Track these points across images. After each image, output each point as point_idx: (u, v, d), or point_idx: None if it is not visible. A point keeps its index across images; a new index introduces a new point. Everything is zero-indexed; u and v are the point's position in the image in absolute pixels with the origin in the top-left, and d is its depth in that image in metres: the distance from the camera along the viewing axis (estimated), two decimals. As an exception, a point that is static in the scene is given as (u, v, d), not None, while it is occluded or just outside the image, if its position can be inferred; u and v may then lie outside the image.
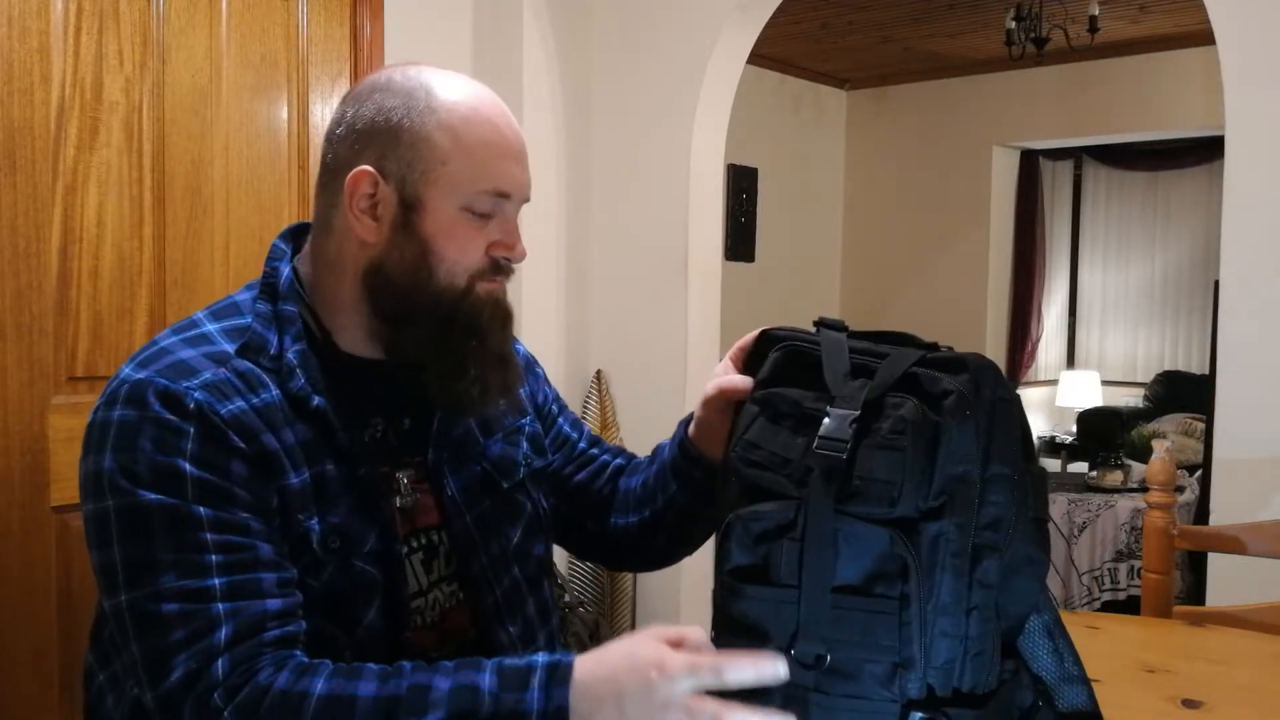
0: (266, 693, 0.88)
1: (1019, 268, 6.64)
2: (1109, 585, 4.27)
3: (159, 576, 0.93)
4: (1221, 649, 1.53)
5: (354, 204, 1.05)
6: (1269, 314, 2.17)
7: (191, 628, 0.91)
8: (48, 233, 2.16)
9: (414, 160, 1.04)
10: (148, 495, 0.94)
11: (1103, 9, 4.66)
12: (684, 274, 3.05)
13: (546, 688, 0.87)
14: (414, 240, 1.05)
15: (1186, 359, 6.97)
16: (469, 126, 1.05)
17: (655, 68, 3.08)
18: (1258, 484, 2.14)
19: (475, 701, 0.87)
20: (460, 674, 0.89)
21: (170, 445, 0.96)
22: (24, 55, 2.12)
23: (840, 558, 0.84)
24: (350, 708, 0.88)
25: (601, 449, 1.35)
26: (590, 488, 1.31)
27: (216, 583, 0.92)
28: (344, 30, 2.66)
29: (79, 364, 2.21)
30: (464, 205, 1.05)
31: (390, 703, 0.88)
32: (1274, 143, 2.17)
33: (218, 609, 0.92)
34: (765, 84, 6.01)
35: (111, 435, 0.97)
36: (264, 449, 0.99)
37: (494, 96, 1.10)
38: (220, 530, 0.94)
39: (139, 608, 0.93)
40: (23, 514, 2.14)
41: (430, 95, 1.05)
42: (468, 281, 1.06)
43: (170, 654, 0.90)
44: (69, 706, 2.20)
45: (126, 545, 0.95)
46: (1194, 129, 5.80)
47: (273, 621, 0.93)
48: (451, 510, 1.12)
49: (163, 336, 1.05)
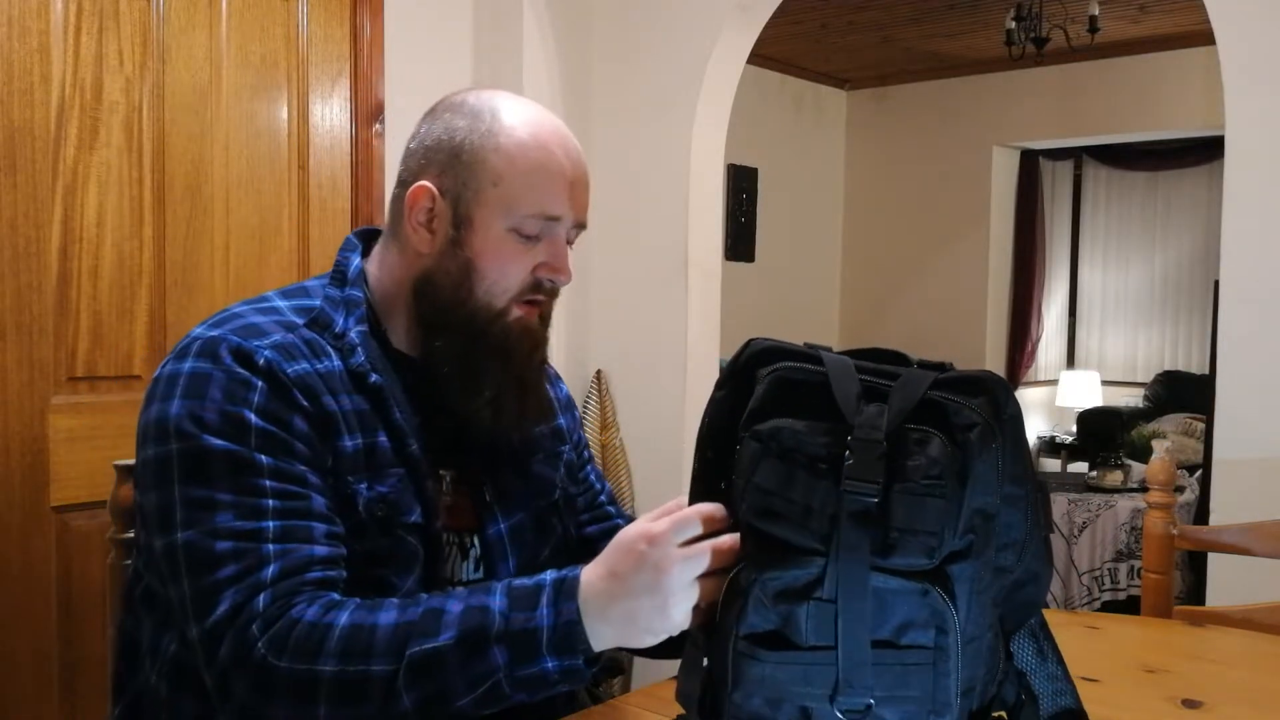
0: (296, 624, 0.92)
1: (1019, 268, 6.64)
2: (1109, 585, 4.27)
3: (216, 515, 0.96)
4: (1221, 649, 1.53)
5: (413, 216, 1.11)
6: (1269, 314, 2.16)
7: (242, 565, 0.94)
8: (48, 233, 2.16)
9: (469, 179, 1.09)
10: (213, 440, 0.98)
11: (1103, 9, 4.66)
12: (684, 274, 3.05)
13: (555, 603, 0.89)
14: (461, 256, 1.10)
15: (1186, 359, 6.97)
16: (523, 150, 1.09)
17: (655, 68, 3.08)
18: (1258, 484, 2.14)
19: (486, 620, 0.90)
20: (472, 597, 0.92)
21: (239, 397, 1.00)
22: (24, 55, 2.12)
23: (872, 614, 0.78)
24: (370, 635, 0.91)
25: (618, 511, 1.37)
26: (598, 546, 1.30)
27: (270, 525, 0.96)
28: (344, 30, 2.66)
29: (79, 364, 2.21)
30: (512, 226, 1.09)
31: (406, 628, 0.91)
32: (1274, 143, 2.16)
33: (268, 549, 0.96)
34: (765, 84, 6.01)
35: (181, 385, 1.01)
36: (324, 409, 1.04)
37: (559, 124, 1.15)
38: (278, 479, 0.99)
39: (194, 544, 0.96)
40: (23, 514, 2.14)
41: (495, 118, 1.11)
42: (506, 304, 1.11)
43: (219, 588, 0.94)
44: (69, 706, 2.20)
45: (188, 485, 0.97)
46: (1194, 129, 5.80)
47: (317, 566, 0.97)
48: (486, 516, 1.15)
49: (235, 306, 1.11)
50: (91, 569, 2.21)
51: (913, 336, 6.15)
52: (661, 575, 0.85)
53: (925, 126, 6.44)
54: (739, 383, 0.87)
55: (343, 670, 0.90)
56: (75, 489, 2.20)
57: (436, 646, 0.89)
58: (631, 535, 0.89)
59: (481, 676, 0.89)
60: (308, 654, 0.91)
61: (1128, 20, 5.17)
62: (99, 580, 2.17)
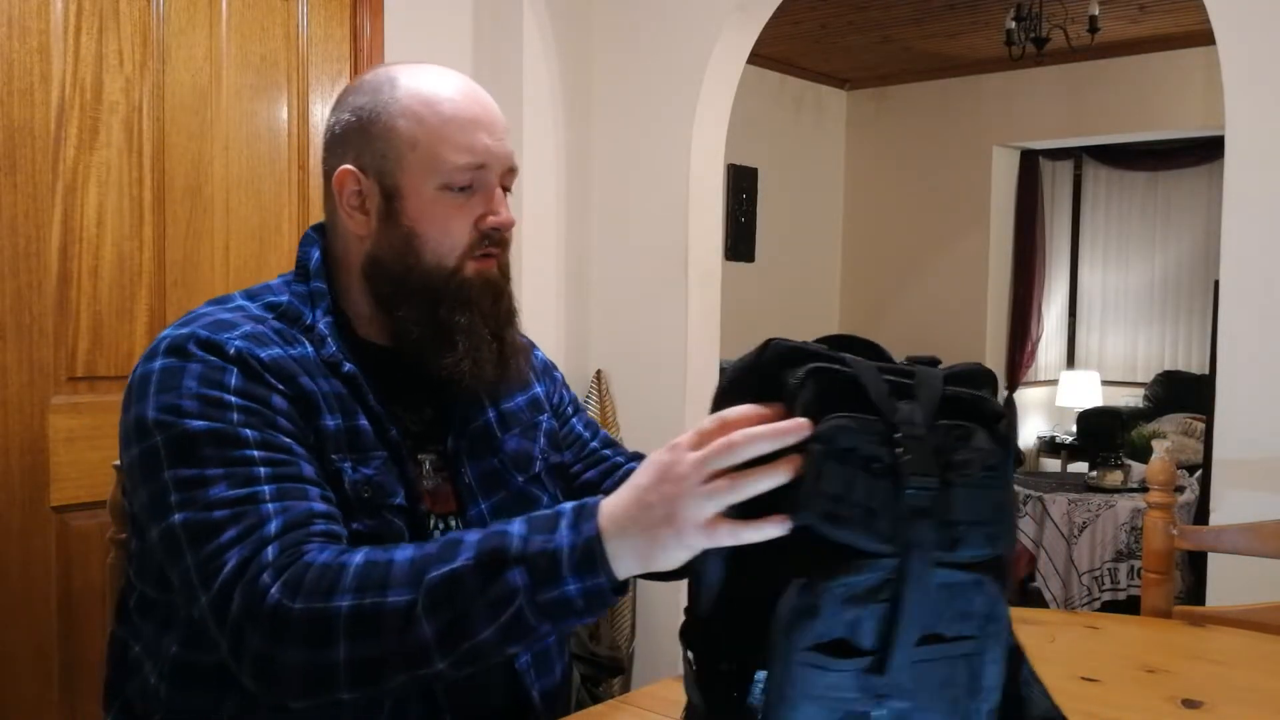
0: (309, 568, 0.91)
1: (1019, 268, 6.64)
2: (1109, 585, 4.27)
3: (209, 489, 0.95)
4: (1221, 649, 1.53)
5: (344, 202, 1.11)
6: (1269, 314, 2.16)
7: (243, 525, 0.93)
8: (48, 233, 2.16)
9: (386, 150, 1.08)
10: (194, 423, 0.97)
11: (1103, 9, 4.65)
12: (684, 274, 3.05)
13: (575, 525, 0.86)
14: (400, 228, 1.09)
15: (1186, 359, 6.97)
16: (430, 106, 1.08)
17: (655, 68, 3.08)
18: (1258, 484, 2.14)
19: (503, 543, 0.87)
20: (492, 527, 0.91)
21: (214, 381, 0.99)
22: (24, 55, 2.12)
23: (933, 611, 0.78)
24: (386, 569, 0.89)
25: (615, 451, 1.36)
26: (599, 487, 1.31)
27: (265, 489, 0.96)
28: (344, 30, 2.66)
29: (79, 364, 2.21)
30: (441, 184, 1.08)
31: (423, 560, 0.89)
32: (1274, 143, 2.16)
33: (267, 508, 0.94)
34: (765, 84, 6.01)
35: (154, 383, 1.00)
36: (302, 390, 1.03)
37: (461, 77, 1.13)
38: (266, 449, 0.98)
39: (191, 521, 0.95)
40: (23, 514, 2.14)
41: (394, 86, 1.09)
42: (457, 261, 1.09)
43: (223, 551, 0.92)
44: (69, 706, 2.20)
45: (176, 469, 0.97)
46: (1194, 129, 5.80)
47: (319, 519, 0.96)
48: (467, 498, 1.14)
49: (201, 307, 1.10)
50: (91, 569, 2.21)
51: (913, 336, 6.15)
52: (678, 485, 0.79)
53: (925, 126, 6.44)
54: (762, 383, 0.82)
55: (359, 604, 0.87)
56: (75, 489, 2.20)
57: (454, 569, 0.87)
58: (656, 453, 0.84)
59: (502, 600, 0.85)
60: (323, 592, 0.89)
61: (1128, 20, 5.17)
62: (99, 580, 2.17)
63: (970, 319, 6.40)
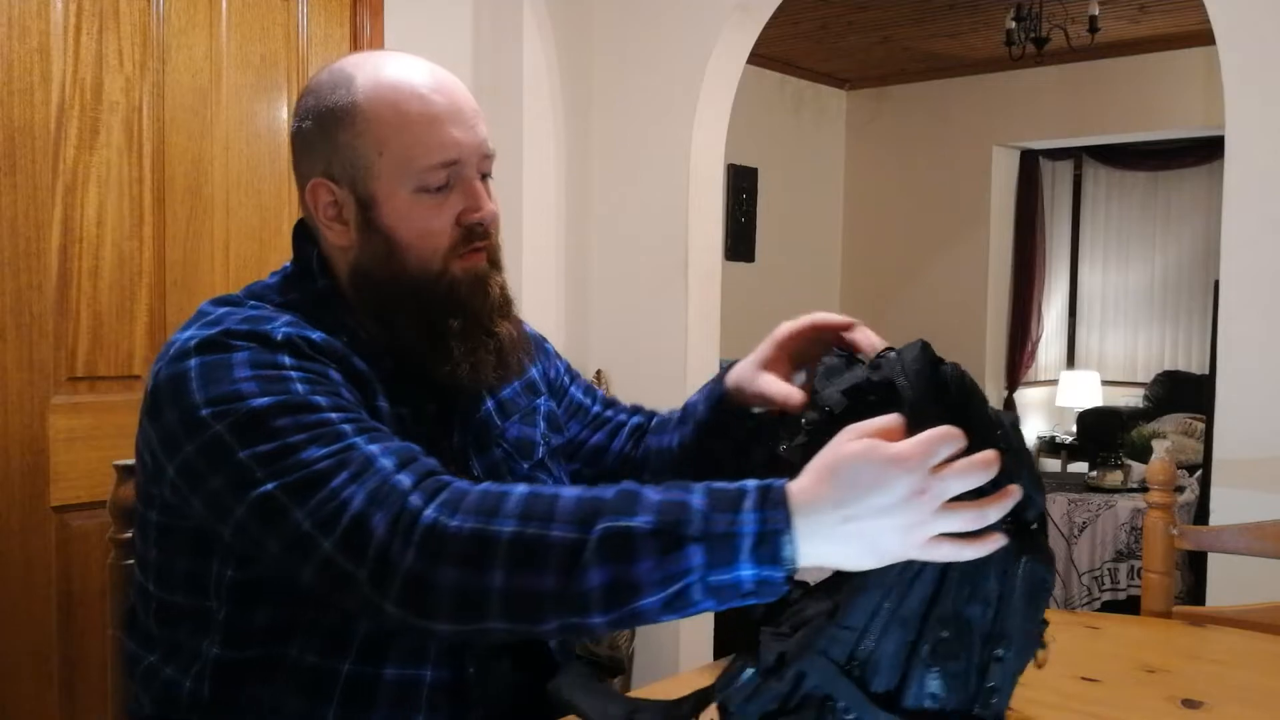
0: (469, 491, 0.87)
1: (1019, 268, 6.64)
2: (1109, 585, 4.27)
3: (300, 453, 0.90)
4: (1221, 649, 1.53)
5: (321, 214, 1.07)
6: (1269, 314, 2.16)
7: (354, 468, 0.89)
8: (48, 233, 2.16)
9: (354, 159, 1.04)
10: (258, 401, 0.92)
11: (1103, 9, 4.65)
12: (684, 274, 3.05)
13: (761, 509, 0.80)
14: (379, 236, 1.05)
15: (1186, 359, 6.97)
16: (394, 106, 1.03)
17: (655, 68, 3.08)
18: (1258, 484, 2.14)
19: (685, 516, 0.81)
20: (670, 491, 0.84)
21: (267, 362, 0.96)
22: (24, 55, 2.12)
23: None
24: (554, 503, 0.85)
25: (617, 410, 1.34)
26: (609, 449, 1.31)
27: (359, 440, 0.91)
28: (344, 30, 2.66)
29: (79, 364, 2.21)
30: (416, 187, 1.04)
31: (596, 503, 0.84)
32: (1274, 143, 2.16)
33: (372, 449, 0.91)
34: (765, 84, 6.01)
35: (194, 381, 0.95)
36: (355, 369, 1.02)
37: (422, 65, 1.07)
38: (341, 410, 0.94)
39: (289, 482, 0.89)
40: (23, 514, 2.14)
41: (351, 89, 1.04)
42: (442, 263, 1.06)
43: (340, 491, 0.88)
44: (69, 706, 2.20)
45: (254, 446, 0.91)
46: (1194, 129, 5.80)
47: (424, 456, 0.93)
48: None
49: (213, 308, 1.05)
50: (91, 569, 2.21)
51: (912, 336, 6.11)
52: (916, 495, 0.76)
53: (925, 126, 6.43)
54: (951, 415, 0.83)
55: (522, 531, 0.83)
56: (75, 489, 2.20)
57: (631, 526, 0.81)
58: (867, 455, 0.78)
59: (675, 575, 0.81)
60: (485, 513, 0.84)
61: (1128, 20, 5.17)
62: (99, 580, 2.17)
63: (970, 319, 6.40)
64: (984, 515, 0.77)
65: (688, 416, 1.25)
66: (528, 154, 3.01)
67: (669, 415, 1.31)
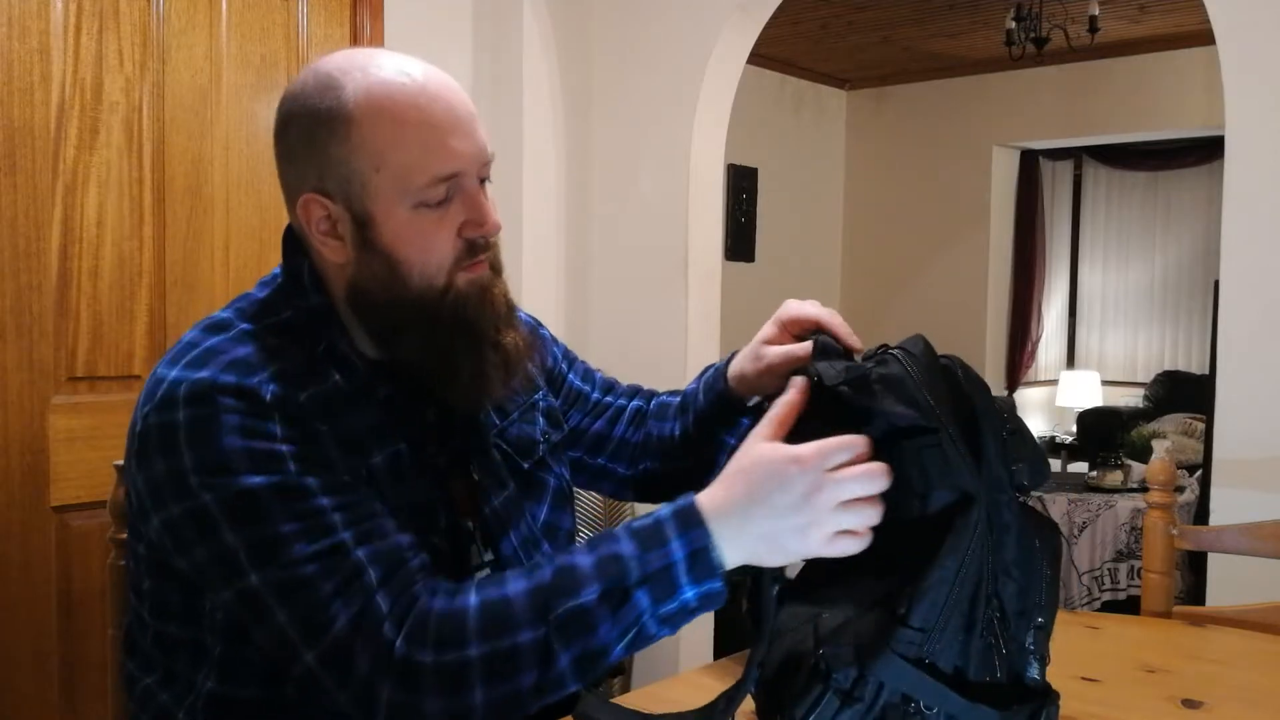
0: (429, 614, 0.89)
1: (1019, 268, 6.64)
2: (1109, 585, 4.27)
3: (289, 548, 0.90)
4: (1221, 649, 1.53)
5: (315, 231, 1.02)
6: (1269, 314, 2.16)
7: (339, 578, 0.89)
8: (48, 233, 2.16)
9: (349, 175, 0.98)
10: (250, 479, 0.91)
11: (1103, 9, 4.65)
12: (684, 274, 3.05)
13: (684, 534, 0.87)
14: (378, 255, 1.00)
15: (1186, 359, 6.97)
16: (389, 120, 0.97)
17: (655, 68, 3.08)
18: (1258, 484, 2.14)
19: (623, 570, 0.87)
20: (600, 548, 0.89)
21: (258, 431, 0.92)
22: (24, 55, 2.12)
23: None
24: (508, 607, 0.88)
25: (616, 395, 1.34)
26: (610, 436, 1.30)
27: (347, 535, 0.91)
28: (344, 30, 2.66)
29: (79, 364, 2.21)
30: (415, 203, 0.98)
31: (543, 592, 0.88)
32: (1274, 143, 2.16)
33: (358, 555, 0.90)
34: (765, 84, 6.00)
35: (182, 436, 0.92)
36: (346, 429, 0.98)
37: (416, 68, 1.01)
38: (333, 494, 0.93)
39: (276, 579, 0.90)
40: (23, 514, 2.14)
41: (341, 96, 0.98)
42: (446, 278, 1.01)
43: (325, 606, 0.89)
44: (69, 706, 2.20)
45: (242, 530, 0.90)
46: (1194, 129, 5.80)
47: (409, 552, 0.93)
48: (480, 497, 1.11)
49: (200, 337, 1.00)
50: (91, 569, 2.21)
51: (913, 336, 6.15)
52: (812, 495, 0.83)
53: (925, 126, 6.43)
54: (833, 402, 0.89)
55: (492, 649, 0.87)
56: (75, 489, 2.20)
57: (581, 604, 0.87)
58: (770, 457, 0.85)
59: (630, 623, 0.88)
60: (452, 642, 0.87)
61: (1128, 20, 5.17)
62: (99, 580, 2.17)
63: (970, 319, 6.40)
64: (875, 515, 0.84)
65: (687, 405, 1.25)
66: (528, 154, 3.01)
67: (668, 399, 1.31)
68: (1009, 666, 0.86)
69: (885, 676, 0.82)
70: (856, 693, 0.83)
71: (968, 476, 0.83)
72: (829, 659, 0.84)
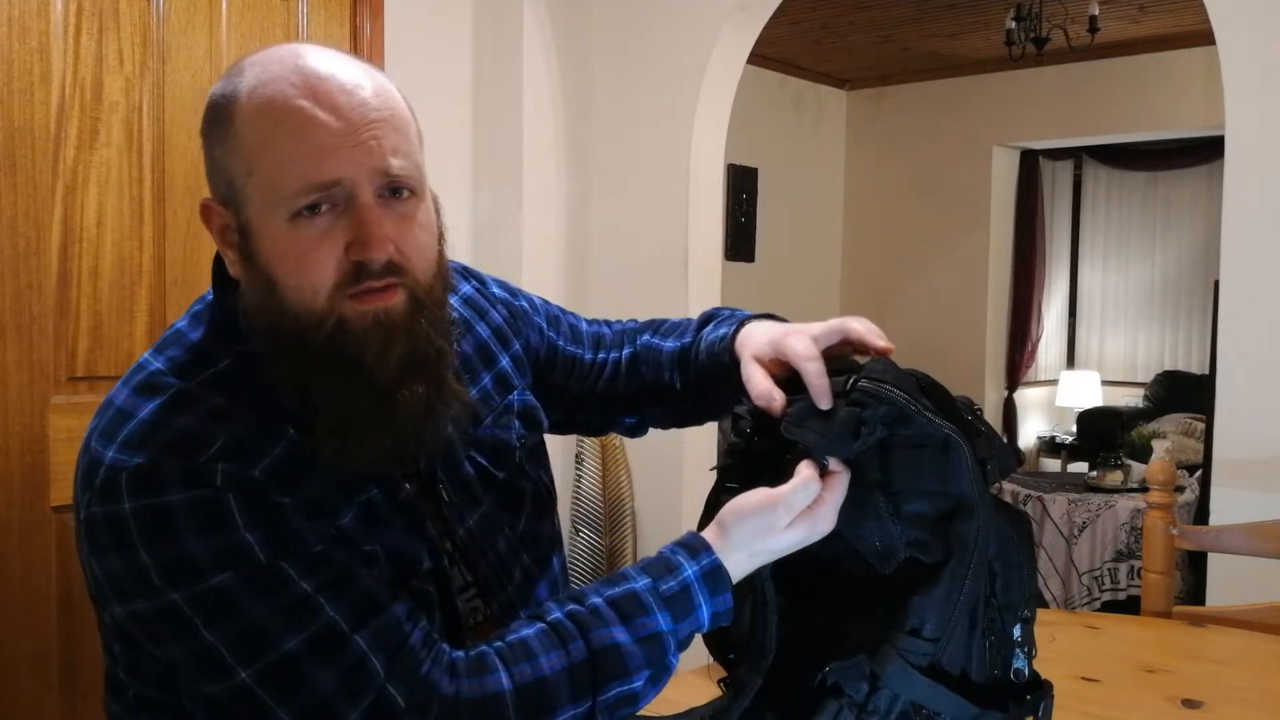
0: (457, 703, 0.84)
1: (1019, 268, 6.64)
2: (1109, 585, 4.27)
3: (277, 639, 0.82)
4: (1221, 649, 1.54)
5: (218, 239, 0.92)
6: (1269, 314, 2.17)
7: (341, 671, 0.82)
8: (48, 233, 2.16)
9: (231, 178, 0.88)
10: (219, 577, 0.82)
11: (1103, 9, 4.66)
12: (684, 274, 3.05)
13: (694, 557, 0.91)
14: (259, 270, 0.88)
15: (1186, 359, 6.97)
16: (266, 118, 0.86)
17: (655, 68, 3.08)
18: (1258, 484, 2.14)
19: (665, 645, 0.89)
20: (635, 622, 0.89)
21: (215, 521, 0.83)
22: (24, 55, 2.12)
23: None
24: (548, 692, 0.86)
25: (607, 350, 1.23)
26: (612, 391, 1.22)
27: (338, 618, 0.83)
28: (344, 30, 2.66)
29: (79, 364, 2.21)
30: (291, 214, 0.85)
31: (587, 671, 0.87)
32: (1274, 143, 2.17)
33: (357, 642, 0.83)
34: (765, 84, 6.01)
35: (135, 531, 0.83)
36: (309, 494, 0.88)
37: (326, 64, 0.88)
38: (311, 571, 0.84)
39: (269, 675, 0.82)
40: (23, 514, 2.14)
41: (234, 97, 0.88)
42: (325, 304, 0.86)
43: (332, 706, 0.81)
44: (69, 707, 2.20)
45: (220, 628, 0.82)
46: (1194, 129, 5.80)
47: (408, 624, 0.86)
48: (453, 518, 1.02)
49: (134, 404, 0.89)
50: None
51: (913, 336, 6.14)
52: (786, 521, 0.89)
53: (925, 126, 6.44)
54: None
55: None
56: (75, 489, 2.20)
57: (633, 689, 0.89)
58: (753, 501, 0.90)
59: (663, 678, 0.91)
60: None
61: (1128, 20, 5.17)
62: (99, 580, 2.17)
63: (970, 319, 6.40)
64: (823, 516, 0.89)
65: (688, 361, 1.17)
66: (528, 154, 3.01)
67: (655, 343, 1.21)
68: (1001, 661, 0.87)
69: (900, 688, 0.83)
70: (871, 705, 0.83)
71: (969, 482, 0.83)
72: (839, 673, 0.84)
